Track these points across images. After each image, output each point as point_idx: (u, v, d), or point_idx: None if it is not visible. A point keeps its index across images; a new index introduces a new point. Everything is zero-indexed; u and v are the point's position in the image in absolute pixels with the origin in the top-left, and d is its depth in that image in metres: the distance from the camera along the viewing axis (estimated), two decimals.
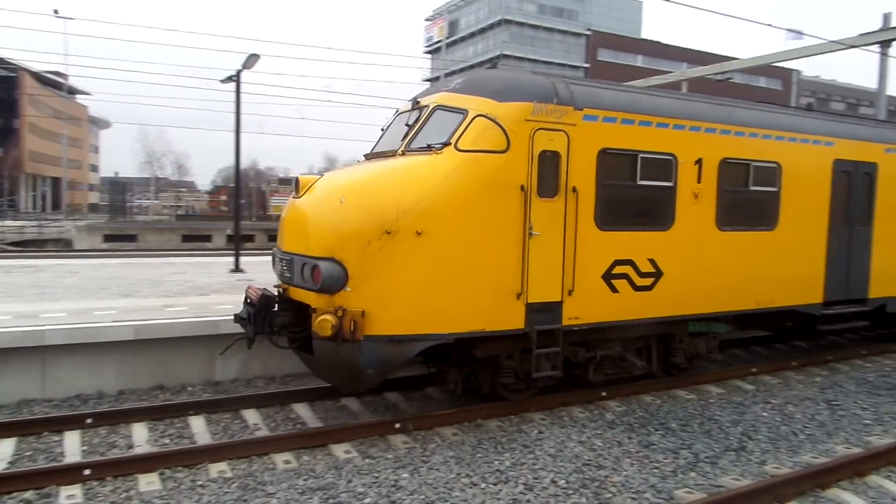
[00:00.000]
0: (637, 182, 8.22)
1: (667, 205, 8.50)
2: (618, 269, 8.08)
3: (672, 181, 8.51)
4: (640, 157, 8.22)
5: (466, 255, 7.00)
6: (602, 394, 8.63)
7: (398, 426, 7.35)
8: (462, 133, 7.13)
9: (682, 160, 8.58)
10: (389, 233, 6.65)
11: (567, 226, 7.61)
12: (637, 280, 8.26)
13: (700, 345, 9.55)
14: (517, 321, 7.36)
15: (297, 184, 7.38)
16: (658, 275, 8.44)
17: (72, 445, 6.89)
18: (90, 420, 7.42)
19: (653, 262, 8.39)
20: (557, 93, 7.59)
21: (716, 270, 9.02)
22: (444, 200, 6.88)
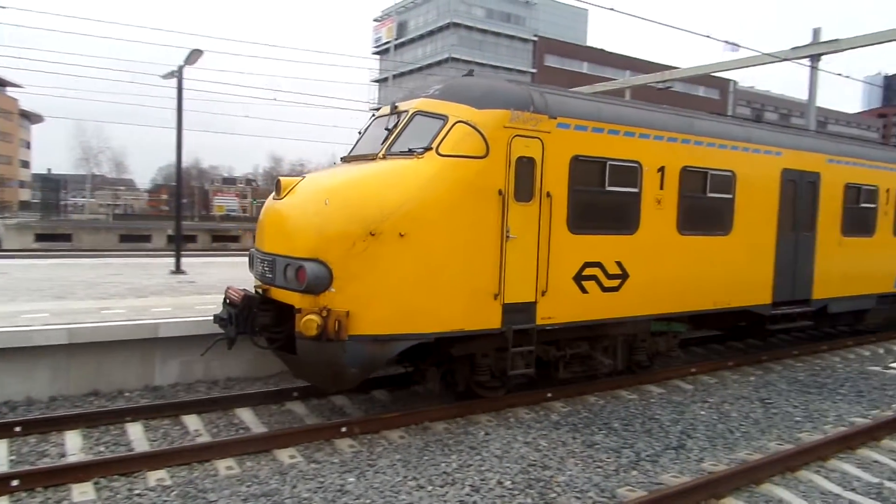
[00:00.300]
0: (606, 188, 8.56)
1: (632, 210, 8.87)
2: (588, 271, 8.41)
3: (637, 187, 8.89)
4: (609, 164, 8.55)
5: (447, 257, 7.21)
6: (547, 395, 8.76)
7: (344, 430, 7.28)
8: (443, 138, 7.34)
9: (647, 167, 8.97)
10: (373, 234, 6.82)
11: (541, 229, 7.89)
12: (605, 281, 8.61)
13: (661, 343, 10.00)
14: (494, 321, 7.59)
15: (279, 185, 7.47)
16: (624, 276, 8.80)
17: None
18: (19, 428, 7.08)
19: (619, 265, 8.73)
20: (533, 101, 7.87)
21: (677, 272, 9.44)
22: (427, 203, 7.08)
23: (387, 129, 7.97)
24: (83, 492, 5.75)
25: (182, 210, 19.74)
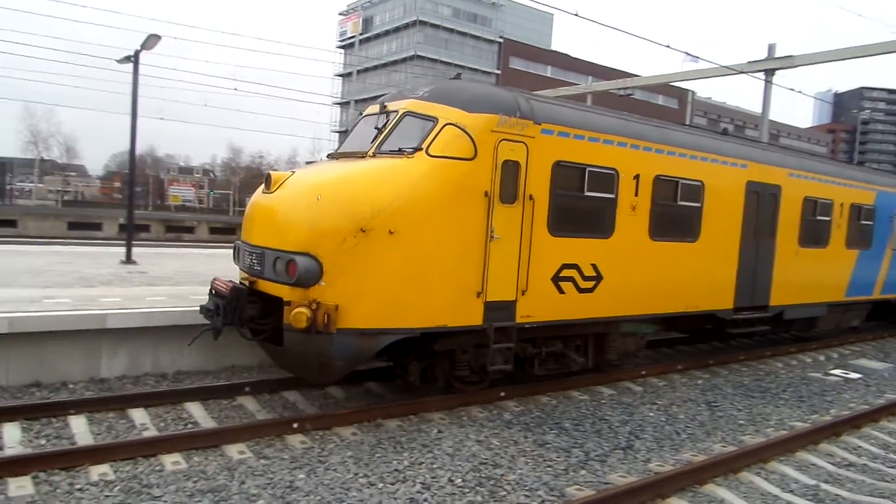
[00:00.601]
0: (584, 193, 8.84)
1: (608, 215, 9.17)
2: (565, 273, 8.67)
3: (614, 193, 9.19)
4: (588, 171, 8.83)
5: (434, 255, 7.39)
6: (501, 394, 8.83)
7: (296, 426, 7.21)
8: (433, 140, 7.53)
9: (623, 175, 9.28)
10: (364, 231, 6.96)
11: (523, 230, 8.12)
12: (581, 283, 8.89)
13: (630, 344, 10.34)
14: (477, 318, 7.81)
15: (269, 179, 7.62)
16: (599, 279, 9.09)
17: None
18: None
19: (595, 267, 9.03)
20: (520, 107, 8.10)
21: (648, 276, 9.80)
22: (416, 202, 7.25)
23: (376, 128, 8.10)
24: (20, 486, 5.56)
25: (136, 199, 19.26)
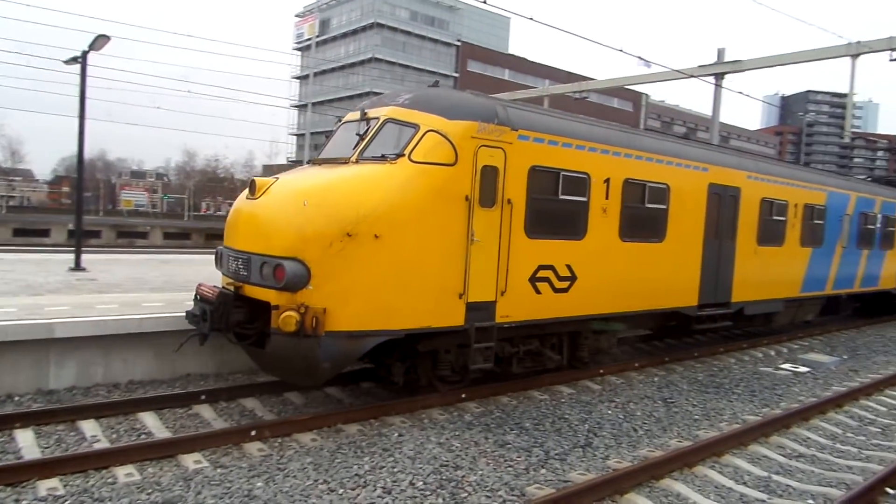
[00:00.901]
0: (559, 196, 9.16)
1: (581, 217, 9.52)
2: (541, 273, 8.98)
3: (586, 197, 9.54)
4: (562, 175, 9.16)
5: (418, 258, 7.60)
6: (462, 395, 8.85)
7: (254, 433, 7.10)
8: (415, 146, 7.76)
9: (595, 179, 9.63)
10: (350, 235, 7.14)
11: (502, 233, 8.40)
12: (556, 283, 9.21)
13: (602, 341, 10.77)
14: (459, 318, 8.04)
15: (253, 185, 7.74)
16: (573, 279, 9.43)
17: None
18: None
19: (569, 268, 9.36)
20: (497, 114, 8.39)
21: (618, 276, 10.18)
22: (400, 207, 7.46)
23: (358, 135, 8.26)
24: None
25: (85, 204, 18.69)
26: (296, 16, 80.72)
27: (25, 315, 8.81)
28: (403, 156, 7.70)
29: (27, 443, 6.74)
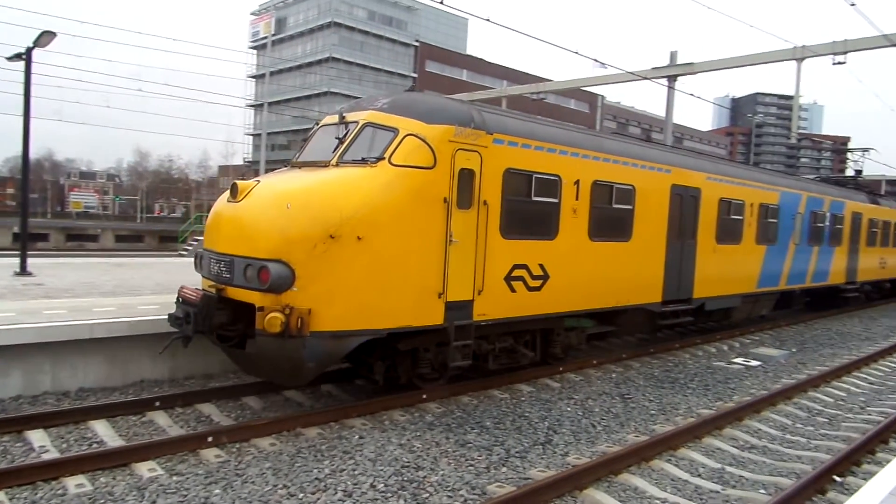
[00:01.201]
0: (532, 198, 9.45)
1: (553, 218, 9.82)
2: (516, 273, 9.25)
3: (557, 198, 9.85)
4: (535, 177, 9.45)
5: (399, 259, 7.77)
6: (423, 396, 8.84)
7: (211, 439, 6.96)
8: (395, 149, 7.92)
9: (565, 181, 9.95)
10: (333, 237, 7.25)
11: (479, 234, 8.63)
12: (530, 282, 9.50)
13: (573, 338, 11.15)
14: (438, 317, 8.23)
15: (235, 188, 7.81)
16: (546, 278, 9.72)
17: None
18: None
19: (542, 267, 9.66)
20: (473, 118, 8.62)
21: (588, 274, 10.54)
22: (381, 209, 7.60)
23: (337, 139, 8.37)
24: None
25: (32, 206, 18.06)
26: (251, 14, 79.47)
27: None
28: (384, 159, 7.85)
29: None
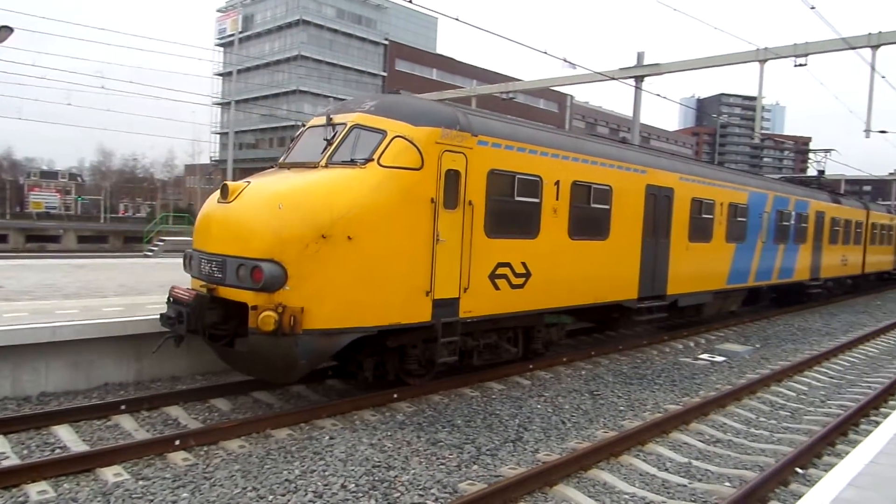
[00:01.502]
0: (515, 198, 9.70)
1: (535, 217, 10.09)
2: (500, 271, 9.49)
3: (539, 198, 10.13)
4: (517, 178, 9.70)
5: (388, 258, 7.95)
6: (394, 395, 8.83)
7: (178, 443, 6.86)
8: (384, 151, 8.10)
9: (546, 181, 10.23)
10: (325, 237, 7.40)
11: (464, 233, 8.84)
12: (513, 279, 9.74)
13: (553, 333, 11.52)
14: (426, 314, 8.42)
15: (226, 189, 7.93)
16: (528, 275, 9.98)
17: None
18: None
19: (524, 265, 9.92)
20: (458, 120, 8.83)
21: (568, 272, 10.83)
22: (371, 209, 7.77)
23: (325, 140, 8.49)
24: None
25: None
26: (217, 11, 78.30)
27: None
28: (373, 160, 8.01)
29: None
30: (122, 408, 7.98)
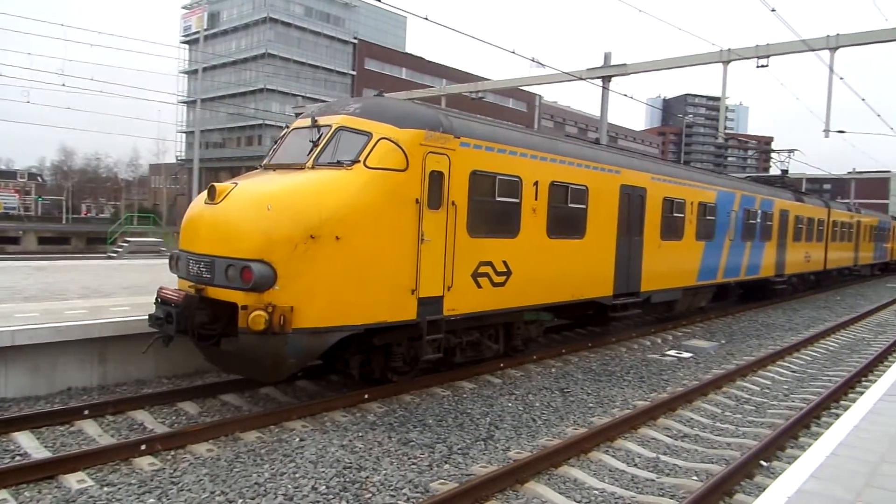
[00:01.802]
0: (496, 198, 9.92)
1: (515, 217, 10.33)
2: (482, 269, 9.71)
3: (518, 198, 10.37)
4: (498, 178, 9.93)
5: (375, 257, 8.10)
6: (365, 396, 8.79)
7: (144, 447, 6.73)
8: (370, 153, 8.22)
9: (526, 181, 10.48)
10: (313, 237, 7.51)
11: (448, 233, 9.01)
12: (495, 278, 9.96)
13: (533, 330, 11.80)
14: (411, 313, 8.58)
15: (213, 190, 7.96)
16: (509, 274, 10.21)
17: None
18: None
19: (505, 264, 10.14)
20: (441, 122, 9.00)
21: (546, 270, 11.08)
22: (358, 210, 7.91)
23: (311, 142, 8.59)
24: None
25: None
26: (182, 8, 76.97)
27: None
28: (359, 162, 8.13)
29: None
30: (86, 413, 7.80)
